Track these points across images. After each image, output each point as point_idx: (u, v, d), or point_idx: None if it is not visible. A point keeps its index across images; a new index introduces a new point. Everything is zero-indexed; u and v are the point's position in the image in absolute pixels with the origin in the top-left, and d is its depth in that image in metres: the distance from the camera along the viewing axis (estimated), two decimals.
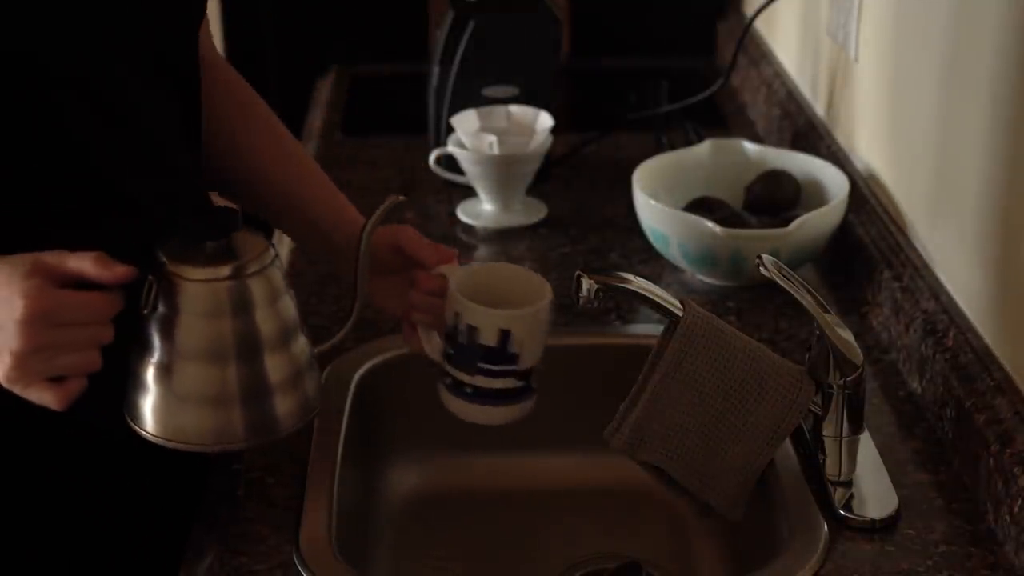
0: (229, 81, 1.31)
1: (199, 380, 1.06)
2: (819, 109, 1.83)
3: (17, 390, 1.01)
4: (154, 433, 1.07)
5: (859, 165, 1.65)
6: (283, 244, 1.66)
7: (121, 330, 1.02)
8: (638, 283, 1.18)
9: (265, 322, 1.07)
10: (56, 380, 1.00)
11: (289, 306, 1.10)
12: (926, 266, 1.40)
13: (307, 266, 1.60)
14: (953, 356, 1.26)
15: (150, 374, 1.06)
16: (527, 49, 1.84)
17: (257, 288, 1.07)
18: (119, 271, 1.00)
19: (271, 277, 1.08)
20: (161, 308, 1.05)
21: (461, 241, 1.69)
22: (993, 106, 1.25)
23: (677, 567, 1.31)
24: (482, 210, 1.74)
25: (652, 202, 1.53)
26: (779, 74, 2.01)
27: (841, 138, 1.73)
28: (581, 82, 2.25)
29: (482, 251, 1.68)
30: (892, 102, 1.53)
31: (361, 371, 1.38)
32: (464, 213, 1.74)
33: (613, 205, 1.76)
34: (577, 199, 1.80)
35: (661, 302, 1.18)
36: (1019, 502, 1.09)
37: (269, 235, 1.12)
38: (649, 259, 1.61)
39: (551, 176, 1.84)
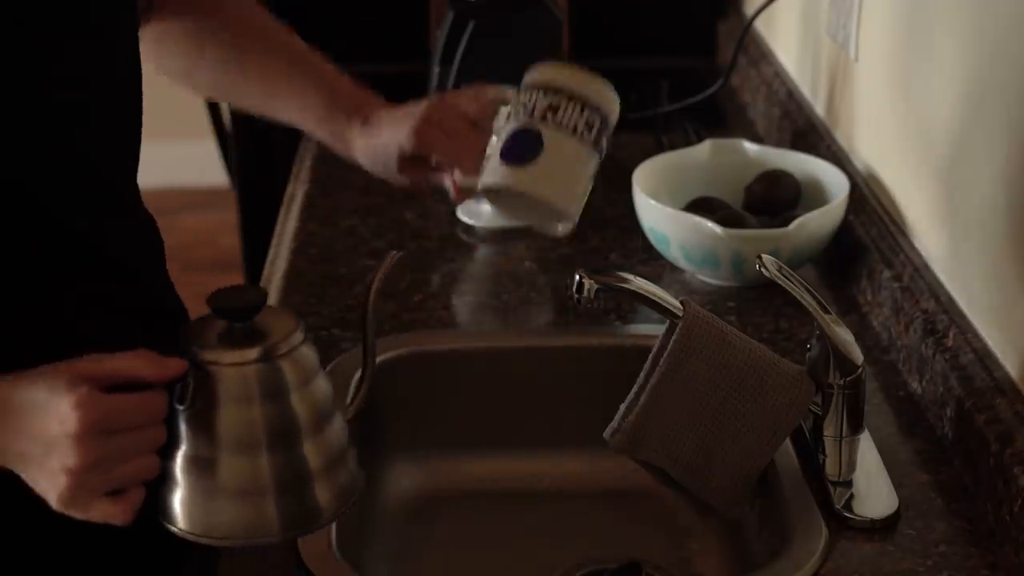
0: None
1: (230, 472, 0.99)
2: (819, 109, 1.83)
3: (76, 511, 0.93)
4: (185, 529, 1.01)
5: (859, 165, 1.65)
6: (284, 245, 1.66)
7: None
8: (638, 283, 1.18)
9: (299, 405, 1.00)
10: (115, 493, 0.94)
11: (323, 386, 1.03)
12: (926, 266, 1.40)
13: (307, 266, 1.59)
14: (953, 356, 1.26)
15: (178, 467, 1.00)
16: (527, 49, 1.84)
17: (288, 369, 1.00)
18: (173, 367, 0.94)
19: (303, 357, 1.01)
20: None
21: (461, 241, 1.69)
22: (995, 105, 1.25)
23: (677, 567, 1.31)
24: (482, 210, 1.74)
25: (652, 202, 1.53)
26: (779, 74, 2.01)
27: (841, 138, 1.73)
28: None
29: (482, 251, 1.68)
30: (892, 102, 1.53)
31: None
32: (464, 213, 1.73)
33: (613, 205, 1.76)
34: None
35: (661, 302, 1.18)
36: (1019, 502, 1.09)
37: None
38: (649, 259, 1.61)
39: None
